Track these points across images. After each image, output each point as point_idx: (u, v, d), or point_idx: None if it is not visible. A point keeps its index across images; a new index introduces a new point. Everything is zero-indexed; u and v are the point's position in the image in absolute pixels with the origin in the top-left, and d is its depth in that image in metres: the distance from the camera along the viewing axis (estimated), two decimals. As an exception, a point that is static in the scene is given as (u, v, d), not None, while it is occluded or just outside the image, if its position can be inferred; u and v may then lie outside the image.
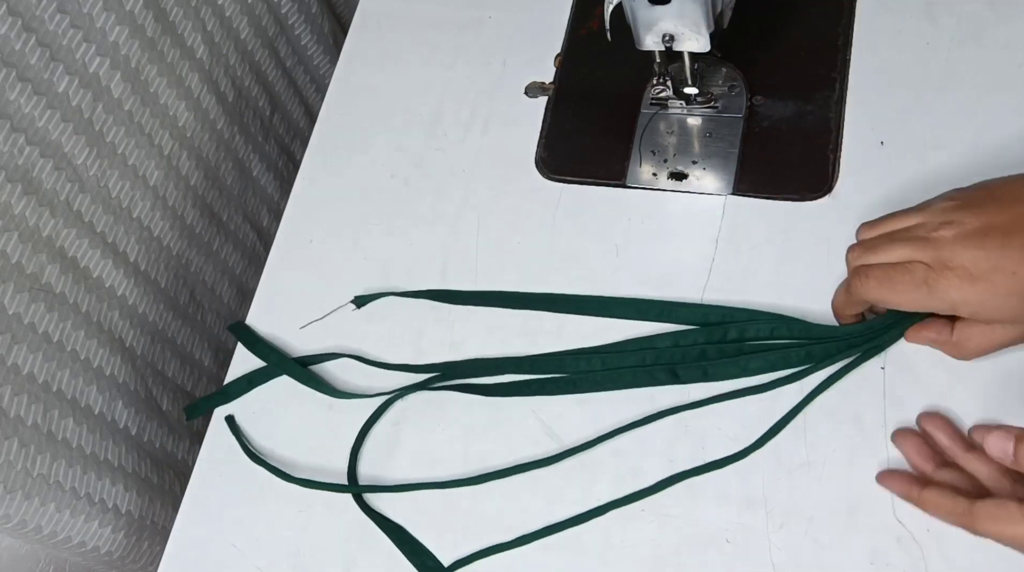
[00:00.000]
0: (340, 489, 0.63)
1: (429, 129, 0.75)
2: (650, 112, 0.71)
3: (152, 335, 0.78)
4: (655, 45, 0.64)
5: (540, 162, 0.72)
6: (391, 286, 0.69)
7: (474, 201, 0.71)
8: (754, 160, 0.68)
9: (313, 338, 0.69)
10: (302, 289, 0.71)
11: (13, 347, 0.63)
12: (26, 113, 0.63)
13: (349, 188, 0.74)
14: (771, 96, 0.70)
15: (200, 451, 0.67)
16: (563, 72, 0.75)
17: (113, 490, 0.70)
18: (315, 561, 0.62)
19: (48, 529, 0.65)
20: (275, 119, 0.93)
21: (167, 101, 0.76)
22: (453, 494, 0.62)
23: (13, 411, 0.62)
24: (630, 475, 0.60)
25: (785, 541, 0.57)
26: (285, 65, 0.93)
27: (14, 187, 0.62)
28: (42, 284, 0.66)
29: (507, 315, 0.66)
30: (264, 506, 0.64)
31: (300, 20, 0.93)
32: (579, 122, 0.73)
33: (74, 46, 0.66)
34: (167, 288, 0.80)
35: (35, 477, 0.63)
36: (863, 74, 0.69)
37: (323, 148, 0.77)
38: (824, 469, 0.58)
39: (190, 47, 0.78)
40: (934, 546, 0.55)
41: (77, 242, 0.69)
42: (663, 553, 0.58)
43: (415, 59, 0.78)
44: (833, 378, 0.59)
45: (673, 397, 0.61)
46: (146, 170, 0.75)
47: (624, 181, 0.70)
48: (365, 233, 0.72)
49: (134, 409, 0.75)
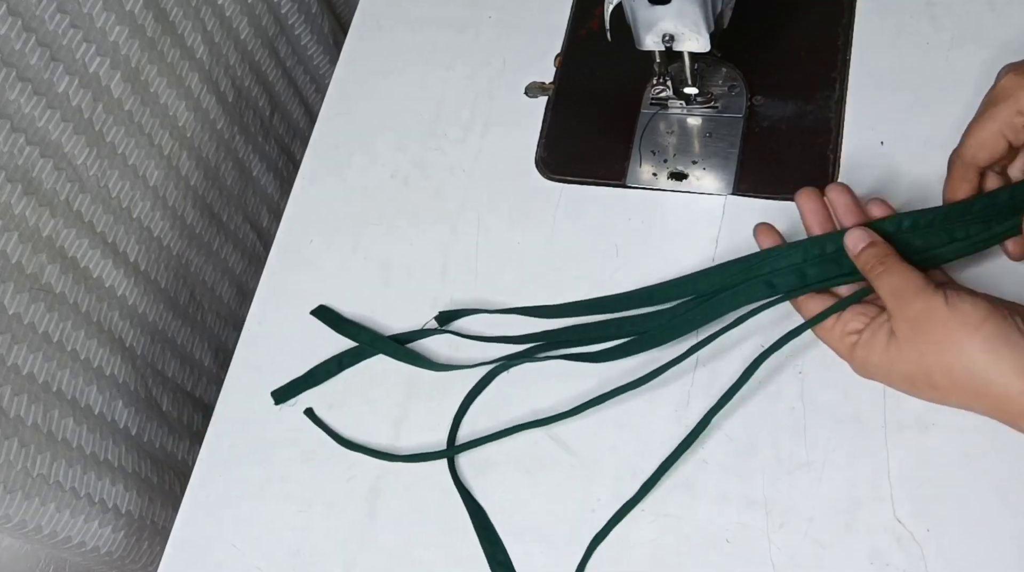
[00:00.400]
0: (444, 454, 0.62)
1: (429, 129, 0.75)
2: (650, 112, 0.71)
3: (152, 335, 0.78)
4: (655, 45, 0.64)
5: (540, 162, 0.72)
6: (391, 286, 0.69)
7: (474, 201, 0.71)
8: (754, 160, 0.68)
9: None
10: (302, 289, 0.71)
11: (13, 347, 0.63)
12: (26, 113, 0.63)
13: (349, 188, 0.74)
14: (771, 96, 0.70)
15: (200, 451, 0.67)
16: (563, 72, 0.75)
17: (113, 490, 0.70)
18: (315, 561, 0.62)
19: (48, 529, 0.65)
20: (275, 119, 0.93)
21: (167, 101, 0.76)
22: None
23: (13, 411, 0.62)
24: (630, 475, 0.60)
25: (785, 541, 0.57)
26: (285, 65, 0.93)
27: (14, 187, 0.62)
28: (42, 284, 0.66)
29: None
30: (264, 506, 0.64)
31: (300, 20, 0.93)
32: (579, 122, 0.73)
33: (74, 46, 0.66)
34: (167, 288, 0.80)
35: (35, 477, 0.63)
36: (863, 74, 0.69)
37: (323, 148, 0.77)
38: (824, 469, 0.58)
39: (190, 47, 0.78)
40: (934, 546, 0.55)
41: (77, 242, 0.69)
42: (663, 553, 0.58)
43: (415, 59, 0.78)
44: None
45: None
46: (146, 170, 0.75)
47: (624, 181, 0.70)
48: (365, 233, 0.72)
49: (134, 409, 0.75)
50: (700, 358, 0.62)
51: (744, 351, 0.62)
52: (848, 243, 0.56)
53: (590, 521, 0.59)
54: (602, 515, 0.59)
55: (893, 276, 0.53)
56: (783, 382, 0.61)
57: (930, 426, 0.58)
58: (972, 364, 0.50)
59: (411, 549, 0.61)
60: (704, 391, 0.61)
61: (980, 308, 0.50)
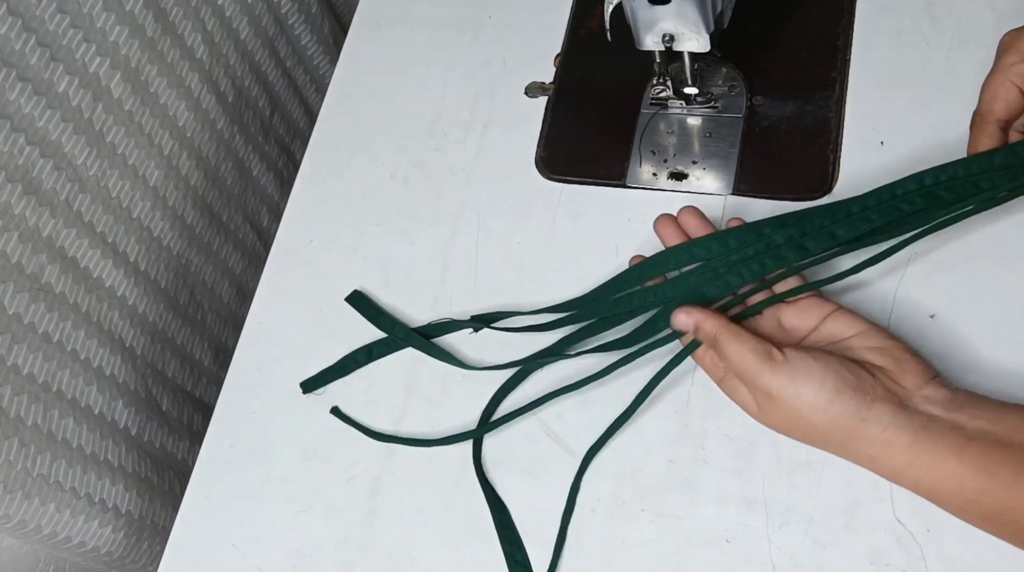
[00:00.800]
0: (475, 434, 0.62)
1: (429, 129, 0.75)
2: (650, 112, 0.71)
3: (152, 335, 0.78)
4: (655, 45, 0.64)
5: (540, 162, 0.72)
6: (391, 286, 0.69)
7: (474, 201, 0.71)
8: (754, 160, 0.68)
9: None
10: (302, 289, 0.71)
11: (13, 347, 0.63)
12: (26, 113, 0.63)
13: (349, 188, 0.74)
14: (771, 96, 0.70)
15: (200, 451, 0.67)
16: (563, 72, 0.75)
17: (113, 490, 0.70)
18: (315, 561, 0.62)
19: (48, 529, 0.65)
20: (275, 119, 0.93)
21: (167, 101, 0.76)
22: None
23: (13, 411, 0.62)
24: (630, 474, 0.60)
25: (785, 541, 0.57)
26: (285, 65, 0.93)
27: (14, 187, 0.62)
28: (42, 284, 0.66)
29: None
30: (264, 506, 0.64)
31: (300, 20, 0.93)
32: (579, 122, 0.73)
33: (74, 46, 0.66)
34: (167, 288, 0.80)
35: (35, 477, 0.63)
36: (863, 74, 0.69)
37: (323, 148, 0.77)
38: (824, 469, 0.58)
39: (190, 47, 0.78)
40: (934, 546, 0.55)
41: (77, 242, 0.69)
42: (663, 553, 0.58)
43: (415, 59, 0.78)
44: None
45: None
46: (146, 170, 0.75)
47: (624, 181, 0.70)
48: (365, 233, 0.72)
49: (134, 409, 0.75)
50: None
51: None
52: (676, 325, 0.56)
53: (590, 521, 0.59)
54: (602, 515, 0.59)
55: (731, 357, 0.54)
56: (783, 382, 0.61)
57: (930, 426, 0.58)
58: (827, 439, 0.52)
59: (411, 549, 0.61)
60: (704, 391, 0.61)
61: (828, 387, 0.52)
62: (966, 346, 0.59)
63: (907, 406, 0.51)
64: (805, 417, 0.52)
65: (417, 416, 0.65)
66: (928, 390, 0.52)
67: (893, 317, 0.60)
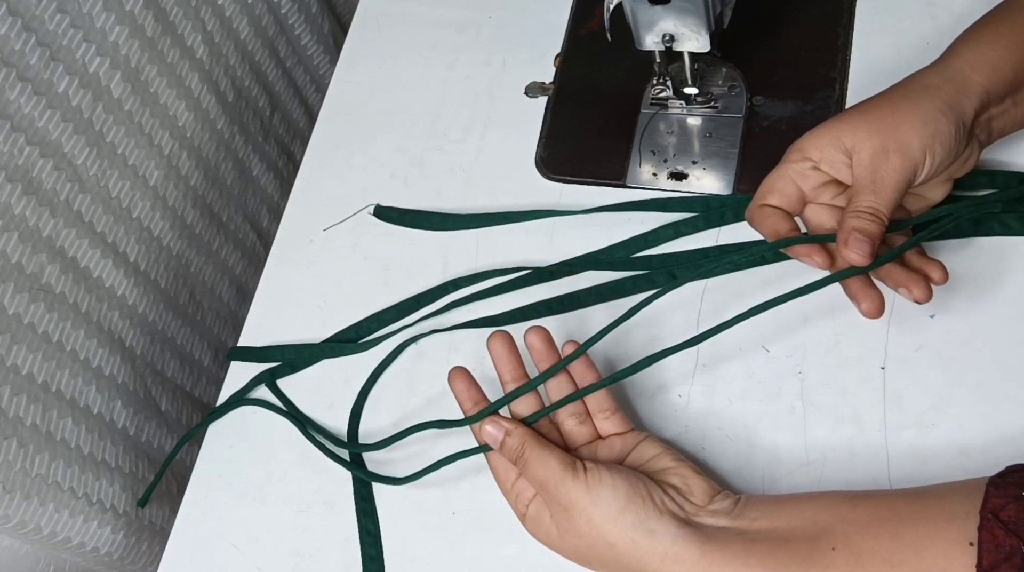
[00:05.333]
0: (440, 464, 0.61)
1: (429, 129, 0.75)
2: (650, 112, 0.71)
3: (152, 335, 0.78)
4: (655, 45, 0.64)
5: (540, 162, 0.72)
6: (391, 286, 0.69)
7: (474, 201, 0.71)
8: (754, 160, 0.68)
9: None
10: (302, 289, 0.71)
11: (13, 347, 0.63)
12: (26, 113, 0.63)
13: (349, 188, 0.74)
14: (771, 96, 0.70)
15: (200, 451, 0.67)
16: (563, 72, 0.75)
17: (112, 490, 0.70)
18: (315, 561, 0.62)
19: (47, 529, 0.65)
20: (275, 119, 0.93)
21: (167, 101, 0.76)
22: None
23: (12, 411, 0.62)
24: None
25: (785, 541, 0.57)
26: (285, 65, 0.93)
27: (14, 187, 0.62)
28: (42, 284, 0.66)
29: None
30: (264, 506, 0.64)
31: (300, 20, 0.93)
32: (579, 122, 0.73)
33: (74, 46, 0.66)
34: (167, 288, 0.80)
35: (34, 477, 0.63)
36: (863, 74, 0.69)
37: (323, 148, 0.77)
38: (824, 469, 0.58)
39: (190, 47, 0.78)
40: (934, 546, 0.55)
41: (77, 242, 0.69)
42: (663, 553, 0.58)
43: (415, 59, 0.78)
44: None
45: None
46: (146, 170, 0.75)
47: (624, 181, 0.70)
48: (365, 233, 0.72)
49: (133, 409, 0.75)
50: (700, 358, 0.62)
51: (744, 353, 0.62)
52: (483, 437, 0.56)
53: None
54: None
55: (535, 467, 0.54)
56: (783, 382, 0.61)
57: (930, 426, 0.58)
58: (619, 555, 0.51)
59: (411, 549, 0.61)
60: (704, 391, 0.61)
61: (620, 495, 0.51)
62: (966, 346, 0.59)
63: (693, 522, 0.51)
64: (599, 529, 0.51)
65: (417, 417, 0.65)
66: (714, 504, 0.53)
67: (893, 317, 0.60)
